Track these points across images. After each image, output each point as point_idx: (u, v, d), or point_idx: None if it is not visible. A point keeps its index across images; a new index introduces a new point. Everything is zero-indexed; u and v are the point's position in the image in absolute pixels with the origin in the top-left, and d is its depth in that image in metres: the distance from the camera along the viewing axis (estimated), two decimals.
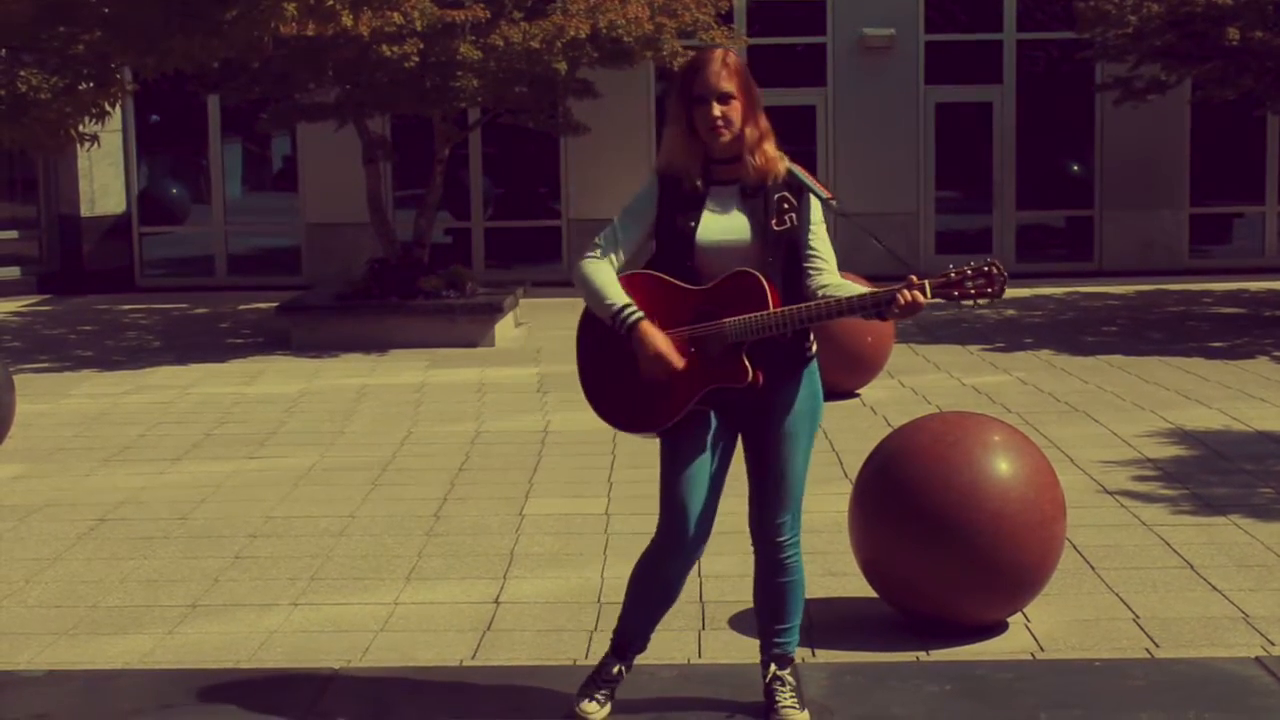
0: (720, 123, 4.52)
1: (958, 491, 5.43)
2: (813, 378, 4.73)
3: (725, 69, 4.55)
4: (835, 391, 10.64)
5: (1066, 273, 18.18)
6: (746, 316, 4.47)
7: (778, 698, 4.71)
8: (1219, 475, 8.13)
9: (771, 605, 4.76)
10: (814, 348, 4.72)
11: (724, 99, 4.52)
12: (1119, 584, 6.23)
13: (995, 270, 4.55)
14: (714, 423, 4.62)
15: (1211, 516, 7.27)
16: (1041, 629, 5.70)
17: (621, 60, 14.29)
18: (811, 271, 4.60)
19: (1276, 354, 12.42)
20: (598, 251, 4.62)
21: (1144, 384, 11.11)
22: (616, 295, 4.55)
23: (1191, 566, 6.47)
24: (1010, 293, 18.26)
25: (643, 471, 8.18)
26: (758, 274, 4.49)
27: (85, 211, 18.63)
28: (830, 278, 4.61)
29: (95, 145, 12.29)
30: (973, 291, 4.54)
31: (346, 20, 12.41)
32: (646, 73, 17.29)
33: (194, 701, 5.07)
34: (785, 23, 18.53)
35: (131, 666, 5.48)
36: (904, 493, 5.53)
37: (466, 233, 18.59)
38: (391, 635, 5.79)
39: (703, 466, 4.61)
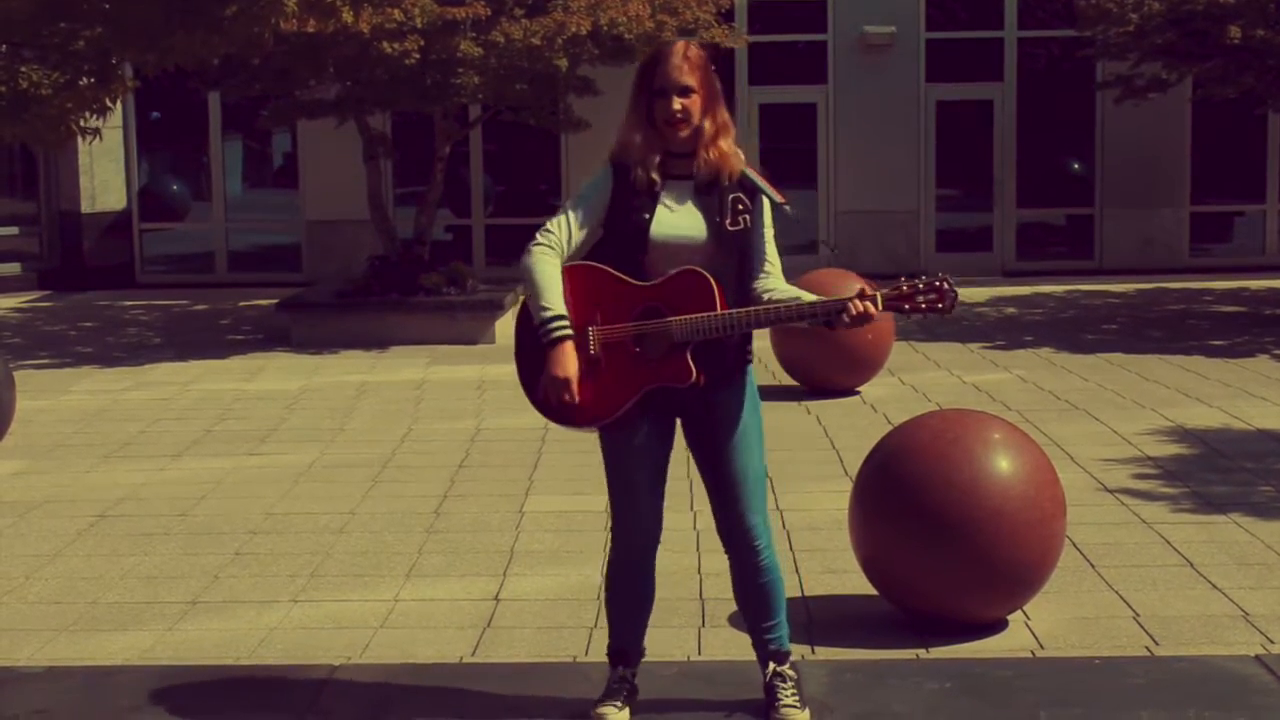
0: (679, 116, 4.48)
1: (958, 489, 5.43)
2: (751, 378, 4.71)
3: (686, 62, 4.51)
4: (835, 389, 10.67)
5: (1067, 271, 18.17)
6: (694, 317, 4.44)
7: (779, 695, 4.71)
8: (1219, 473, 8.13)
9: (756, 606, 4.75)
10: (753, 350, 4.70)
11: (684, 92, 4.49)
12: (1119, 582, 6.23)
13: (946, 285, 4.52)
14: (653, 415, 4.60)
15: (1211, 514, 7.27)
16: (1041, 627, 5.70)
17: (622, 57, 14.27)
18: (760, 274, 4.60)
19: (1277, 352, 12.42)
20: (548, 239, 4.56)
21: (1144, 382, 11.11)
22: (553, 301, 4.49)
23: (1191, 564, 6.47)
24: (1010, 291, 18.20)
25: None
26: (706, 274, 4.46)
27: (86, 208, 18.63)
28: (776, 282, 4.61)
29: (97, 139, 12.29)
30: (923, 305, 4.51)
31: (347, 17, 12.41)
32: None
33: (194, 698, 5.07)
34: (786, 20, 18.52)
35: (131, 663, 5.48)
36: (904, 490, 5.53)
37: (467, 230, 18.59)
38: (391, 632, 5.79)
39: (646, 461, 4.62)
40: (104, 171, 18.70)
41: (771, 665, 4.76)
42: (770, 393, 10.60)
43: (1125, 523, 7.15)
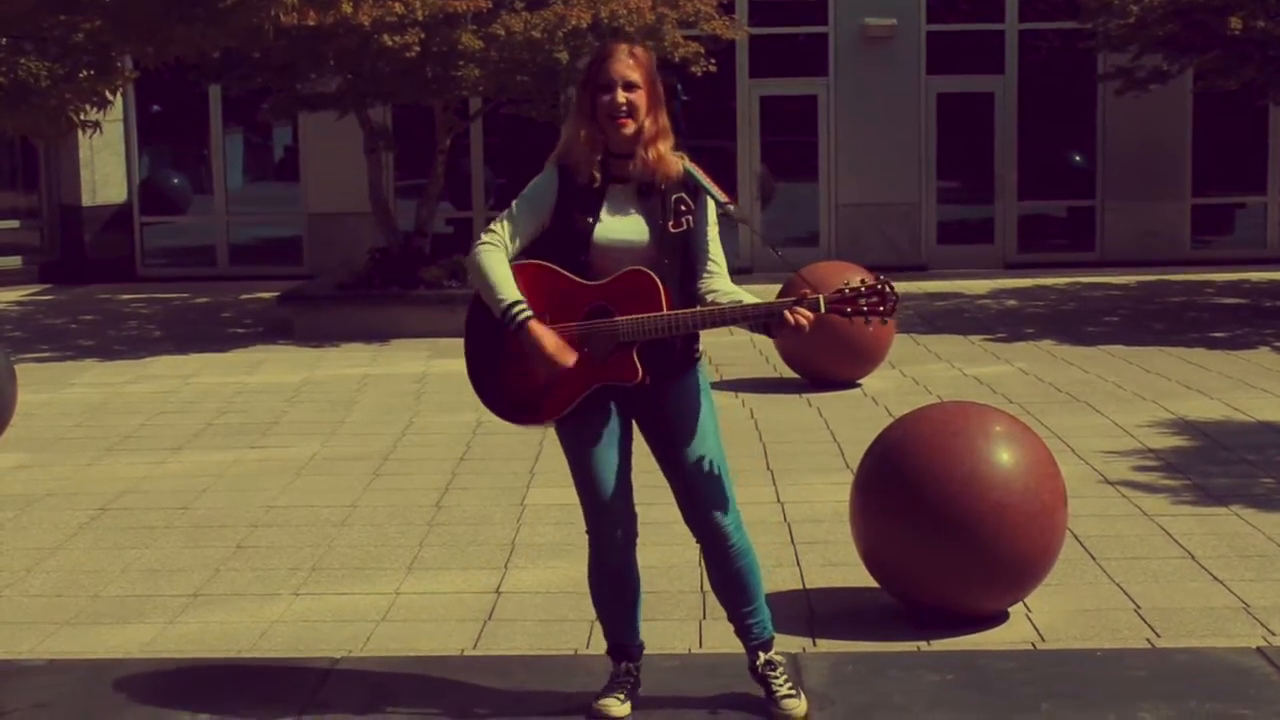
0: (623, 110, 4.49)
1: (959, 481, 5.43)
2: (702, 373, 4.74)
3: (633, 59, 4.54)
4: (836, 381, 10.67)
5: (1068, 263, 18.16)
6: (639, 317, 4.46)
7: (773, 685, 4.71)
8: (1220, 465, 8.13)
9: (733, 592, 4.75)
10: (700, 348, 4.72)
11: (629, 87, 4.50)
12: (1120, 574, 6.23)
13: (888, 289, 4.52)
14: (605, 413, 4.62)
15: (1213, 507, 7.27)
16: (1042, 619, 5.70)
17: None
18: (705, 275, 4.61)
19: (1278, 344, 12.42)
20: (493, 238, 4.58)
21: (1145, 374, 11.11)
22: (508, 291, 4.51)
23: (1192, 557, 6.47)
24: (1011, 283, 18.22)
25: (641, 461, 8.17)
26: (652, 275, 4.48)
27: (87, 201, 18.63)
28: (721, 282, 4.61)
29: (97, 132, 12.28)
30: (865, 309, 4.51)
31: (347, 9, 12.41)
32: None
33: (195, 691, 5.07)
34: (787, 12, 18.51)
35: (133, 656, 5.49)
36: (905, 483, 5.53)
37: (468, 223, 18.58)
38: (393, 625, 5.80)
39: (607, 457, 4.63)
40: (105, 165, 18.69)
41: (760, 655, 4.75)
42: (771, 385, 10.60)
43: (1126, 515, 7.15)
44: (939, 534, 5.42)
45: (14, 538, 7.15)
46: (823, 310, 4.48)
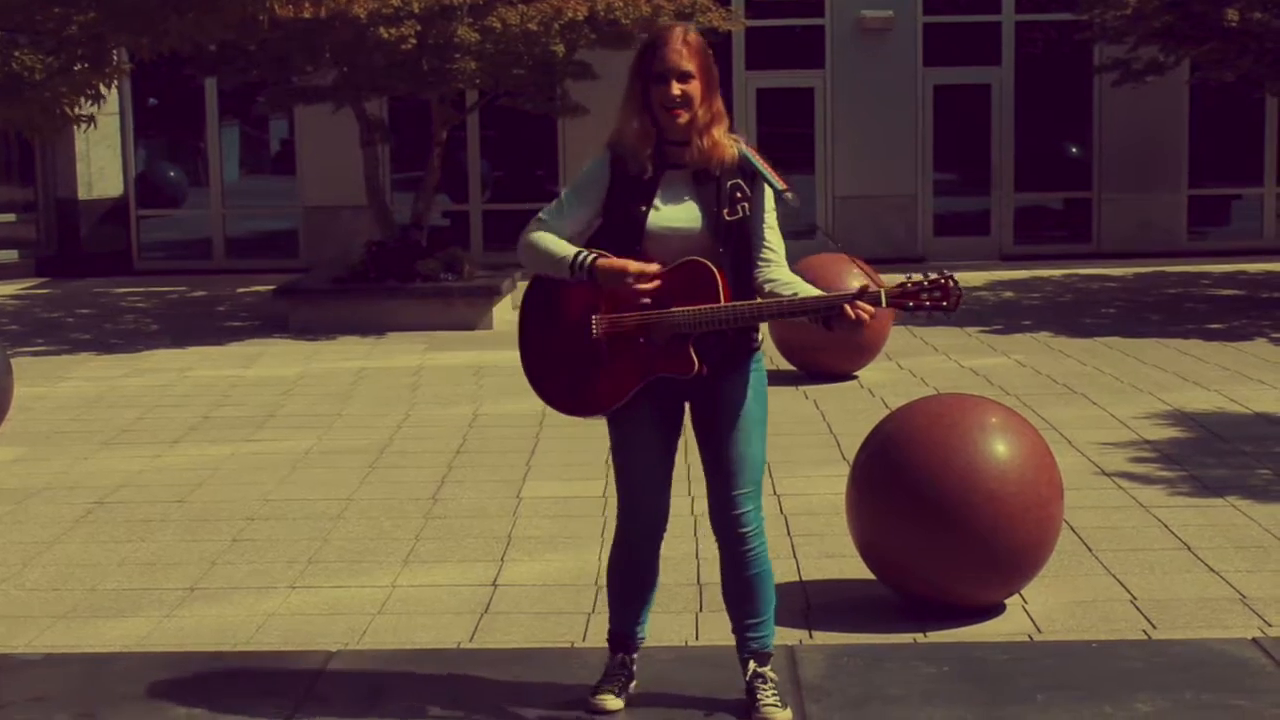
0: (678, 101, 4.44)
1: (955, 473, 5.42)
2: (759, 365, 4.68)
3: (686, 47, 4.46)
4: (833, 373, 10.67)
5: (1065, 255, 18.16)
6: (697, 309, 4.41)
7: (759, 696, 4.64)
8: (1216, 457, 8.13)
9: (742, 601, 4.69)
10: (759, 339, 4.67)
11: (683, 78, 4.44)
12: (1116, 565, 6.24)
13: (951, 283, 4.46)
14: (659, 403, 4.57)
15: (1209, 498, 7.27)
16: (1039, 610, 5.70)
17: (619, 42, 14.25)
18: (760, 263, 4.55)
19: (1274, 335, 12.42)
20: (540, 223, 4.56)
21: (1142, 366, 11.11)
22: (566, 248, 4.49)
23: (1189, 548, 6.47)
24: (1008, 275, 18.13)
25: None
26: (711, 266, 4.43)
27: (83, 194, 18.62)
28: (779, 271, 4.56)
29: (91, 127, 12.27)
30: (928, 303, 4.45)
31: (342, 1, 12.38)
32: None
33: (191, 685, 5.07)
34: (784, 4, 18.50)
35: (129, 649, 5.48)
36: (902, 475, 5.53)
37: (464, 215, 18.57)
38: (389, 618, 5.79)
39: (652, 448, 4.60)
40: (101, 158, 18.67)
41: (752, 665, 4.69)
42: (768, 377, 10.57)
43: (1123, 506, 7.15)
44: (935, 526, 5.42)
45: (10, 531, 7.14)
46: (884, 305, 4.41)
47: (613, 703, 4.73)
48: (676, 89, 4.43)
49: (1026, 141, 18.58)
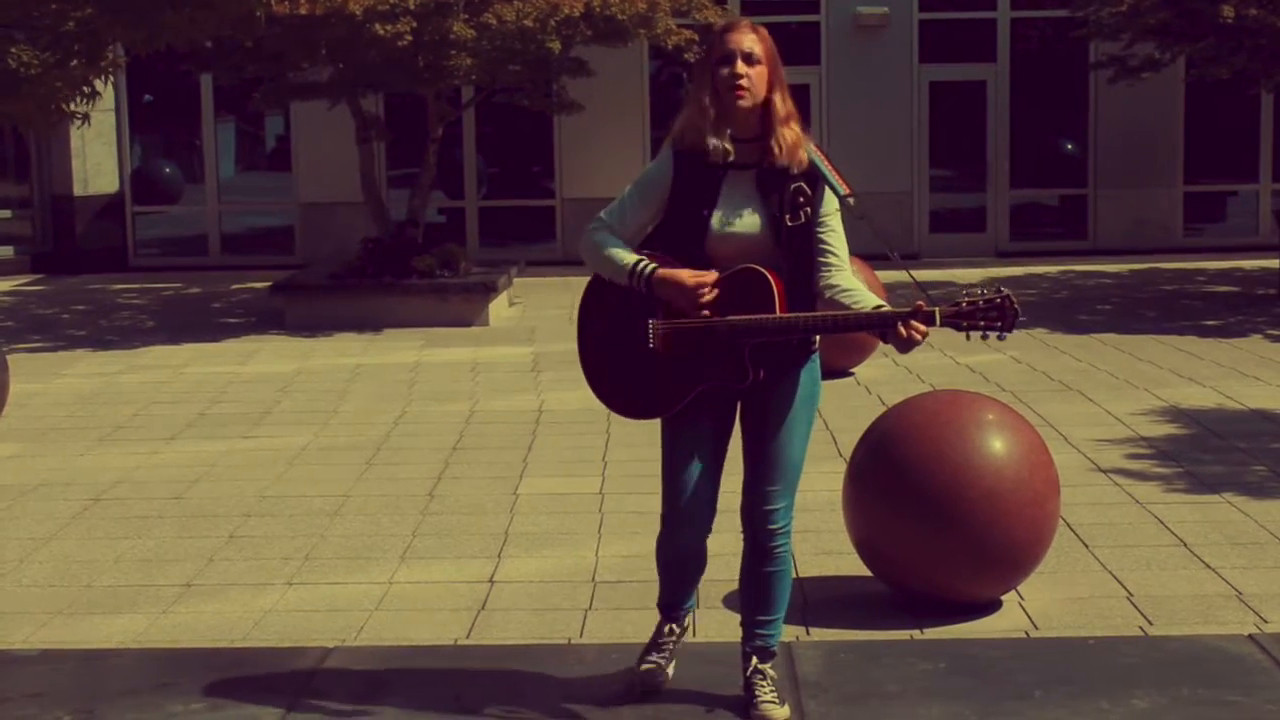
0: (743, 82, 4.38)
1: (952, 470, 5.43)
2: (813, 366, 4.65)
3: (754, 33, 4.45)
4: (830, 370, 10.65)
5: (1060, 251, 18.16)
6: (751, 319, 4.37)
7: (757, 693, 4.65)
8: (1212, 453, 8.14)
9: (758, 595, 4.70)
10: (817, 344, 4.63)
11: (749, 60, 4.39)
12: (1113, 562, 6.24)
13: (1009, 304, 4.36)
14: (712, 404, 4.56)
15: (1205, 494, 7.28)
16: (1035, 607, 5.71)
17: (615, 38, 14.25)
18: (823, 268, 4.49)
19: (1270, 332, 12.43)
20: (600, 224, 4.53)
21: (1138, 362, 11.12)
22: (627, 255, 4.45)
23: (1185, 544, 6.48)
24: (1004, 271, 18.14)
25: (637, 450, 8.19)
26: (768, 274, 4.38)
27: (79, 191, 18.60)
28: (840, 276, 4.49)
29: (86, 124, 12.25)
30: (983, 324, 4.36)
31: None
32: (640, 51, 17.24)
33: (188, 681, 5.07)
34: (779, 1, 18.49)
35: (126, 646, 5.48)
36: (898, 471, 5.54)
37: (460, 212, 18.57)
38: (386, 615, 5.79)
39: (703, 449, 4.58)
40: (96, 155, 18.66)
41: (754, 661, 4.70)
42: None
43: (1119, 503, 7.16)
44: (932, 522, 5.42)
45: (7, 528, 7.14)
46: (938, 324, 4.34)
47: (664, 671, 4.80)
48: (741, 68, 4.38)
49: (1022, 138, 18.58)
